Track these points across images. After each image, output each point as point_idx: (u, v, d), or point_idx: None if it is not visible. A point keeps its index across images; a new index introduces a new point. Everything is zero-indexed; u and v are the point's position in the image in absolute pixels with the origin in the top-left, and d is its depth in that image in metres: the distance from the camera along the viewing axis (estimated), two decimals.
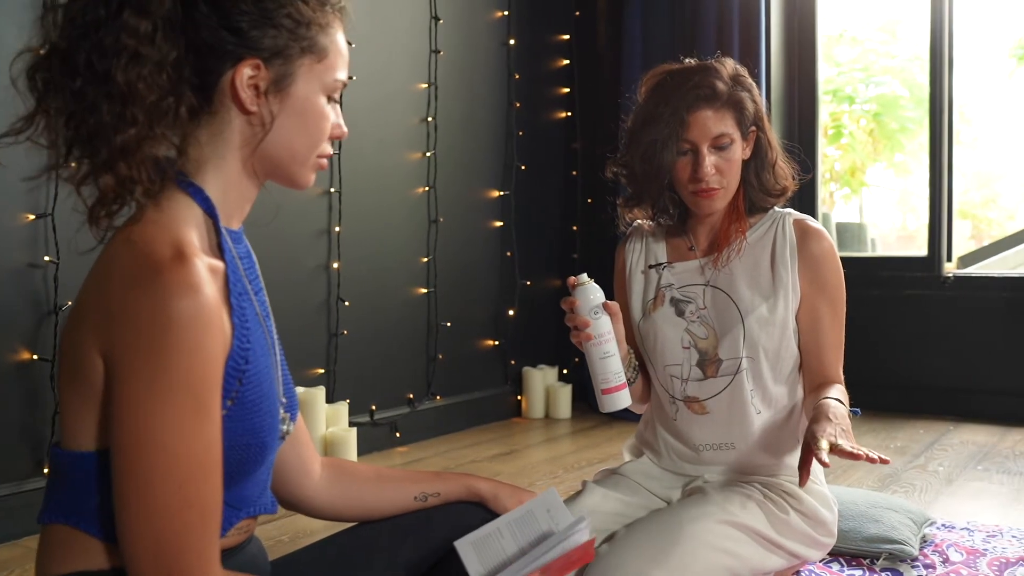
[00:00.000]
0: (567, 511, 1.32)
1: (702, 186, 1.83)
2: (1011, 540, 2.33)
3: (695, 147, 1.83)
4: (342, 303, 3.33)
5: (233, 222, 1.14)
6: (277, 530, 2.48)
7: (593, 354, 1.71)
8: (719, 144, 1.83)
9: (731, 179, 1.86)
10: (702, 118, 1.83)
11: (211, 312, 0.98)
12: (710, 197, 1.85)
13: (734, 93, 1.85)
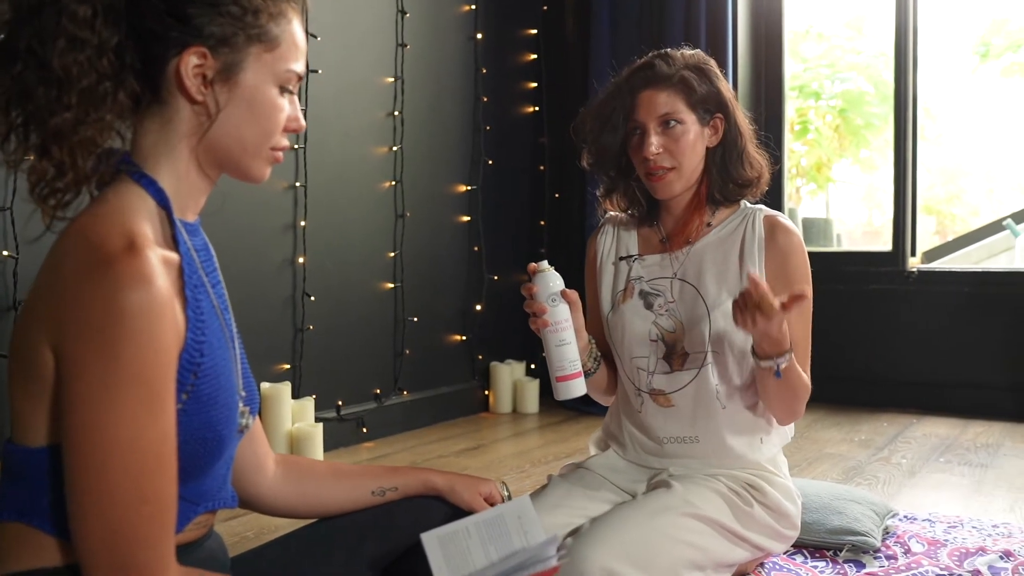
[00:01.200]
0: (539, 524, 1.32)
1: (650, 165, 1.85)
2: (971, 531, 2.36)
3: (642, 126, 1.86)
4: (308, 298, 3.31)
5: (188, 214, 1.13)
6: (242, 526, 2.46)
7: (550, 341, 1.72)
8: (665, 123, 1.85)
9: (683, 161, 1.86)
10: (647, 97, 1.86)
11: (163, 304, 0.97)
12: (661, 180, 1.86)
13: (684, 75, 1.87)
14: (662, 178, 1.86)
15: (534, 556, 1.18)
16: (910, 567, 2.09)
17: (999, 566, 2.10)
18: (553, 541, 1.20)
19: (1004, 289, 4.03)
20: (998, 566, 2.10)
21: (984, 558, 2.15)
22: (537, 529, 1.31)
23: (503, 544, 1.29)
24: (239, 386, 1.15)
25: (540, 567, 1.17)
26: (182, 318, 1.03)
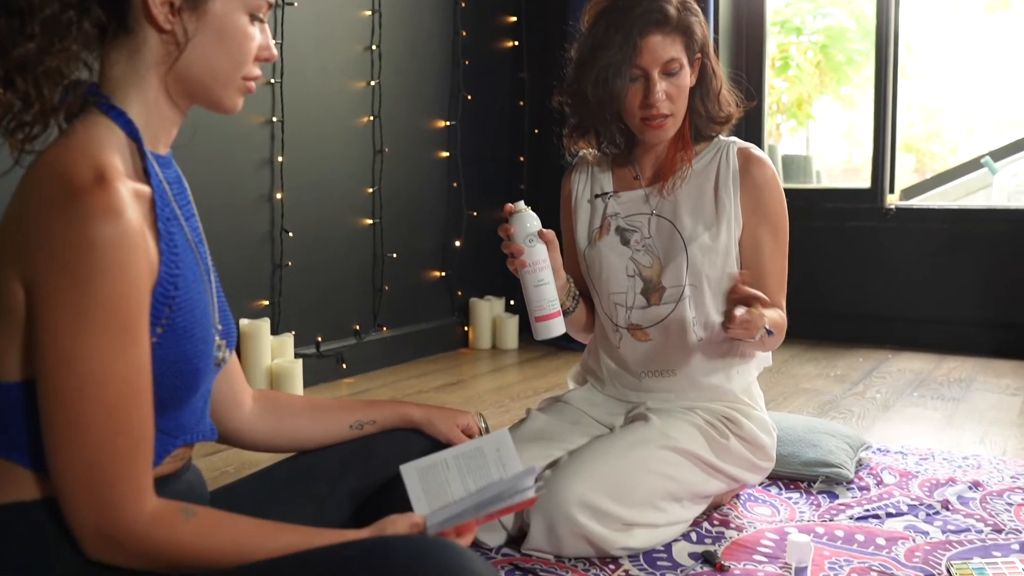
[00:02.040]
0: (517, 457, 1.33)
1: (653, 112, 1.82)
2: (942, 462, 2.40)
3: (646, 73, 1.81)
4: (286, 234, 3.28)
5: (159, 146, 1.11)
6: (222, 461, 2.47)
7: (528, 281, 1.72)
8: (669, 70, 1.82)
9: (680, 106, 1.85)
10: (653, 43, 1.81)
11: (134, 237, 0.96)
12: (661, 127, 1.85)
13: (684, 18, 1.84)
14: (661, 125, 1.85)
15: (511, 487, 1.19)
16: (882, 498, 2.13)
17: (968, 496, 2.15)
18: (530, 473, 1.21)
19: (981, 226, 4.06)
20: (967, 496, 2.15)
21: (954, 488, 2.19)
22: (515, 462, 1.32)
23: (481, 476, 1.30)
24: (215, 320, 1.15)
25: (517, 498, 1.18)
26: (155, 251, 1.02)
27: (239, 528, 1.05)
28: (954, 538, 1.90)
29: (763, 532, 1.92)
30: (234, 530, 1.05)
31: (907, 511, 2.05)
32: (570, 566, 1.75)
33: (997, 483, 2.23)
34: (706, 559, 1.78)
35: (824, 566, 1.76)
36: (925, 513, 2.04)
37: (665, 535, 1.83)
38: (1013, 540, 1.90)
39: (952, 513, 2.04)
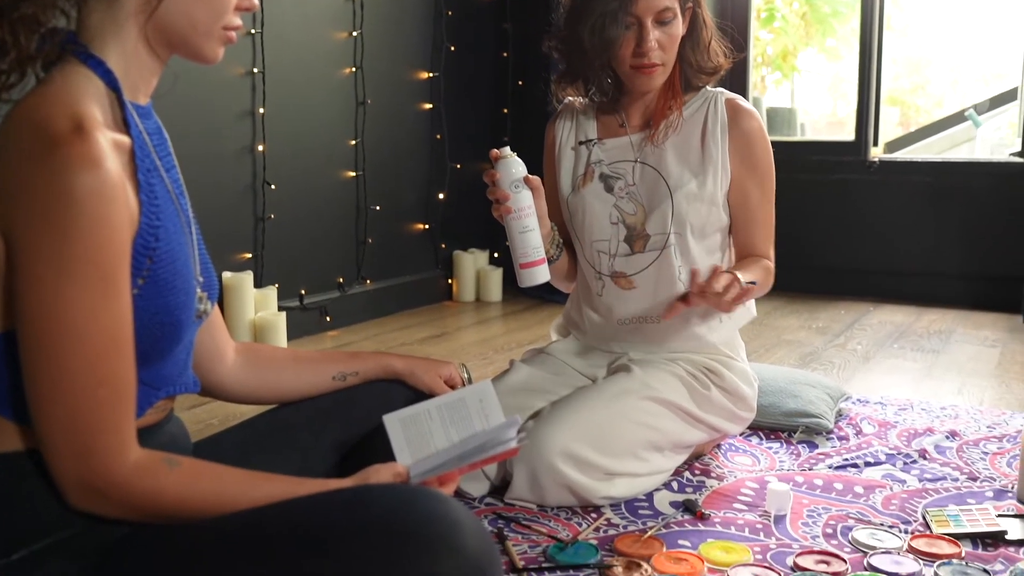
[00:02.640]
0: (499, 408, 1.33)
1: (644, 61, 1.81)
2: (920, 412, 2.43)
3: (639, 21, 1.80)
4: (268, 186, 3.26)
5: (139, 96, 1.10)
6: (206, 414, 2.48)
7: (513, 228, 1.72)
8: (662, 19, 1.81)
9: (671, 55, 1.84)
10: None
11: (114, 187, 0.95)
12: (651, 74, 1.84)
13: None
14: (651, 72, 1.84)
15: (494, 438, 1.19)
16: (860, 447, 2.16)
17: (944, 445, 2.18)
18: (513, 423, 1.21)
19: (963, 179, 4.07)
20: (944, 445, 2.18)
21: (931, 438, 2.22)
22: (498, 413, 1.32)
23: (464, 427, 1.30)
24: (196, 272, 1.14)
25: (500, 448, 1.19)
26: (135, 202, 1.01)
27: (222, 478, 1.06)
28: (930, 486, 1.93)
29: (743, 481, 1.95)
30: (217, 480, 1.05)
31: (885, 460, 2.08)
32: (553, 515, 1.77)
33: (973, 433, 2.27)
34: (687, 507, 1.80)
35: (803, 514, 1.79)
36: (902, 462, 2.07)
37: (647, 484, 1.85)
38: (987, 487, 1.93)
39: (929, 462, 2.07)
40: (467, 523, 1.00)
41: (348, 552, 0.96)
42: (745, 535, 1.70)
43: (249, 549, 0.99)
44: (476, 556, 0.98)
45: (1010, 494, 1.89)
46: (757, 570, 1.54)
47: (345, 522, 0.98)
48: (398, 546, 0.95)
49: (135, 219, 1.00)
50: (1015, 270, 3.86)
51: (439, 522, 0.98)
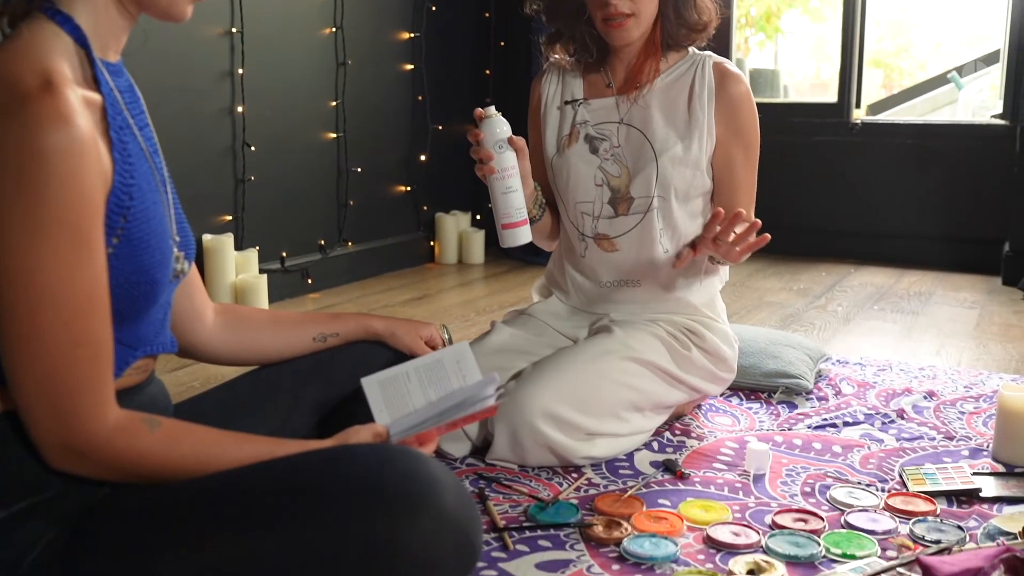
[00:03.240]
0: (477, 368, 1.33)
1: (611, 11, 1.80)
2: (899, 373, 2.45)
3: None
4: (248, 148, 3.23)
5: (109, 53, 1.08)
6: (188, 376, 2.47)
7: (496, 188, 1.71)
8: None
9: (643, 7, 1.82)
10: None
11: (85, 144, 0.94)
12: (621, 27, 1.82)
13: None
14: (621, 25, 1.82)
15: (472, 396, 1.20)
16: (839, 407, 2.18)
17: (922, 405, 2.20)
18: (491, 382, 1.22)
19: (945, 142, 4.07)
20: (921, 405, 2.20)
21: (909, 398, 2.24)
22: (475, 373, 1.33)
23: (442, 387, 1.31)
24: (172, 231, 1.13)
25: (478, 407, 1.19)
26: (108, 160, 1.00)
27: (203, 438, 1.06)
28: (907, 445, 1.95)
29: (723, 441, 1.96)
30: (198, 440, 1.05)
31: (863, 420, 2.10)
32: (534, 475, 1.78)
33: (951, 393, 2.29)
34: (667, 467, 1.82)
35: (782, 473, 1.80)
36: (881, 422, 2.09)
37: (627, 444, 1.86)
38: (963, 447, 1.95)
39: (906, 422, 2.09)
40: (446, 481, 1.00)
41: (328, 511, 0.96)
42: (724, 494, 1.71)
43: (229, 509, 0.99)
44: (455, 513, 0.98)
45: (985, 453, 1.92)
46: (736, 528, 1.55)
47: (325, 481, 0.99)
48: (377, 504, 0.96)
49: (108, 177, 0.99)
50: (995, 232, 3.88)
51: (418, 480, 0.98)
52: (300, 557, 0.95)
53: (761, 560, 1.43)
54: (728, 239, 1.69)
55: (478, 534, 1.03)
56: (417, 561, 0.96)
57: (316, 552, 0.95)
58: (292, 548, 0.95)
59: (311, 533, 0.96)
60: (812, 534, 1.53)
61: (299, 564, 0.96)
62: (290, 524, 0.96)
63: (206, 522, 0.99)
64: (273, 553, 0.96)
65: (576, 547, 1.51)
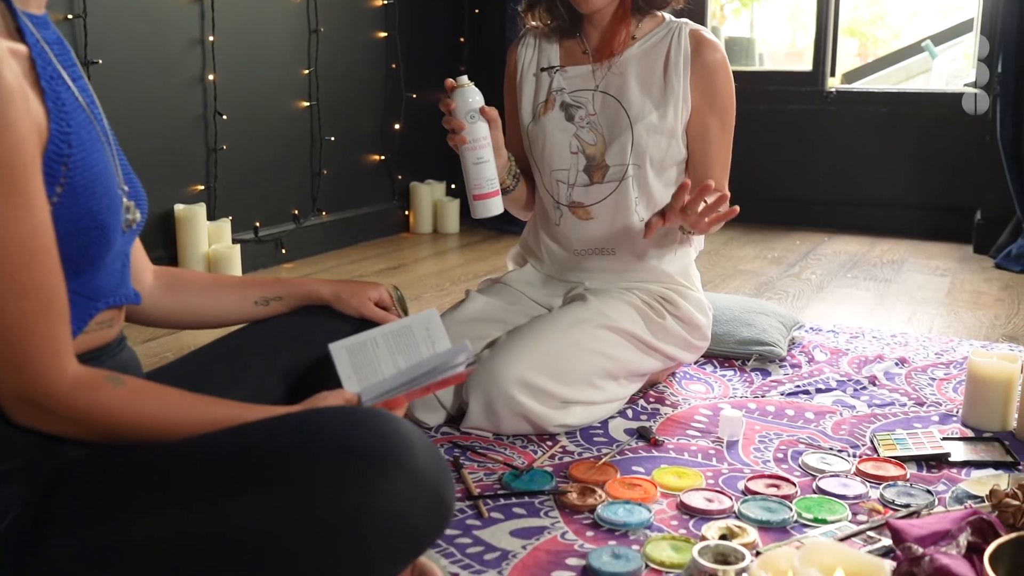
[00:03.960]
0: (445, 335, 1.32)
1: None
2: (871, 340, 2.47)
3: None
4: (220, 117, 3.19)
5: (30, 5, 1.05)
6: (160, 347, 2.46)
7: (467, 158, 1.71)
8: None
9: None
10: None
11: (12, 94, 0.91)
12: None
13: None
14: None
15: (443, 363, 1.19)
16: (812, 374, 2.20)
17: (894, 371, 2.22)
18: (462, 349, 1.20)
19: (918, 110, 4.09)
20: (893, 371, 2.22)
21: (881, 365, 2.26)
22: (444, 340, 1.32)
23: (411, 354, 1.30)
24: (120, 181, 1.11)
25: (449, 373, 1.18)
26: (41, 110, 0.97)
27: (169, 399, 1.04)
28: (879, 411, 1.97)
29: (697, 408, 1.97)
30: (164, 401, 1.03)
31: (836, 387, 2.11)
32: (508, 443, 1.79)
33: (922, 359, 2.31)
34: (641, 434, 1.82)
35: (755, 439, 1.82)
36: (853, 388, 2.10)
37: (602, 412, 1.87)
38: (934, 412, 1.97)
39: (878, 388, 2.11)
40: (419, 442, 1.00)
41: (300, 473, 0.95)
42: (698, 461, 1.72)
43: (202, 474, 0.98)
44: (428, 474, 0.98)
45: (955, 418, 1.94)
46: (709, 494, 1.56)
47: (296, 444, 0.98)
48: (349, 465, 0.95)
49: (43, 127, 0.97)
50: (967, 200, 3.91)
51: (390, 441, 0.98)
52: (273, 520, 0.95)
53: (733, 525, 1.44)
54: (697, 209, 1.69)
55: (451, 493, 1.03)
56: (390, 520, 0.96)
57: (289, 514, 0.95)
58: (265, 511, 0.95)
59: (284, 495, 0.95)
60: (784, 499, 1.54)
61: (272, 526, 0.95)
62: (262, 487, 0.96)
63: (179, 487, 0.98)
64: (246, 517, 0.95)
65: (550, 514, 1.51)
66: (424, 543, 1.03)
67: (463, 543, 1.42)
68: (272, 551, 0.96)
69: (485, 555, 1.39)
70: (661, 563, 1.35)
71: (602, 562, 1.35)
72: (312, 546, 0.95)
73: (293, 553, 0.96)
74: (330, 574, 0.99)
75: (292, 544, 0.95)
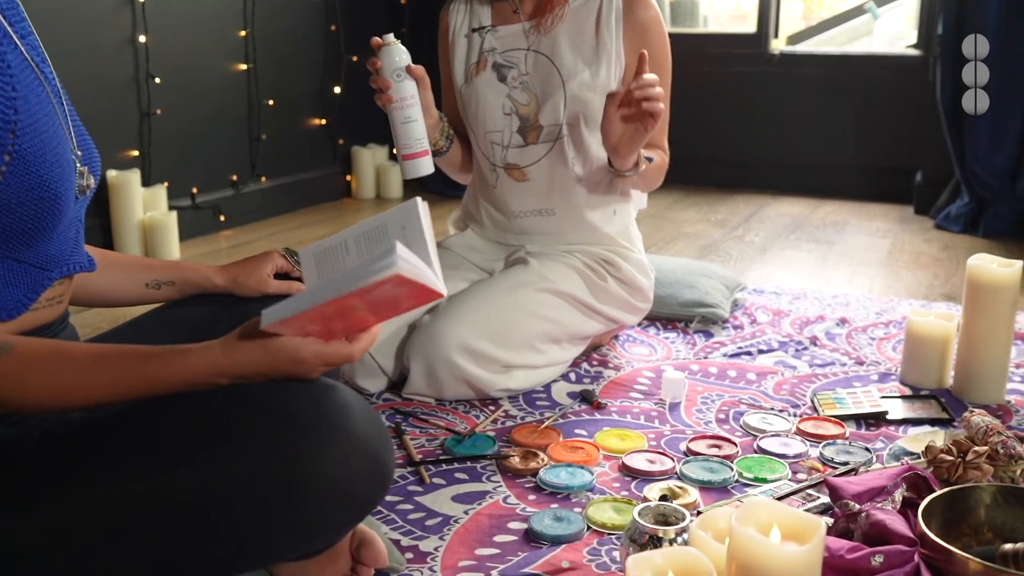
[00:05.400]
0: (425, 234, 1.06)
1: None
2: (813, 301, 2.49)
3: None
4: (152, 79, 3.10)
5: None
6: (96, 317, 2.39)
7: (395, 118, 1.68)
8: None
9: None
10: None
11: None
12: None
13: None
14: None
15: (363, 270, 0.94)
16: (755, 335, 2.20)
17: (835, 332, 2.24)
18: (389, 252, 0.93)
19: (861, 72, 4.11)
20: (834, 332, 2.23)
21: (822, 325, 2.28)
22: (423, 242, 1.06)
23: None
24: (73, 145, 1.06)
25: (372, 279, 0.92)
26: None
27: (59, 364, 0.95)
28: (820, 371, 1.99)
29: (640, 371, 1.97)
30: (53, 367, 0.95)
31: (777, 348, 2.12)
32: (451, 408, 1.77)
33: (862, 319, 2.33)
34: (584, 398, 1.82)
35: (697, 401, 1.82)
36: (794, 349, 2.12)
37: (544, 376, 1.86)
38: (873, 371, 1.99)
39: (819, 348, 2.13)
40: (357, 407, 0.98)
41: (237, 440, 0.93)
42: (640, 423, 1.72)
43: (134, 446, 0.95)
44: (367, 440, 0.96)
45: (894, 377, 1.96)
46: (651, 456, 1.56)
47: (233, 412, 0.95)
48: (287, 431, 0.93)
49: None
50: (908, 161, 3.94)
51: (327, 408, 0.95)
52: (210, 489, 0.92)
53: (675, 486, 1.44)
54: (636, 96, 1.64)
55: (390, 459, 1.01)
56: (328, 485, 0.94)
57: (225, 484, 0.92)
58: (201, 481, 0.92)
59: (219, 465, 0.92)
60: (725, 459, 1.54)
61: (209, 496, 0.92)
62: (198, 458, 0.93)
63: (109, 460, 0.94)
64: (181, 488, 0.92)
65: (493, 479, 1.50)
66: (364, 510, 1.02)
67: (404, 509, 1.41)
68: (210, 520, 0.94)
69: (427, 521, 1.37)
70: (603, 525, 1.35)
71: (544, 525, 1.34)
72: (251, 515, 0.93)
73: (232, 521, 0.94)
74: (269, 542, 0.97)
75: (231, 513, 0.93)
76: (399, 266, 0.89)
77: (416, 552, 1.29)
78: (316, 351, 0.96)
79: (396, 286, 0.92)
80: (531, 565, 1.26)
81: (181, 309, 1.37)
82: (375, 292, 0.92)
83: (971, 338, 1.80)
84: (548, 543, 1.32)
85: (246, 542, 0.96)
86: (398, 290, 0.93)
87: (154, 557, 0.95)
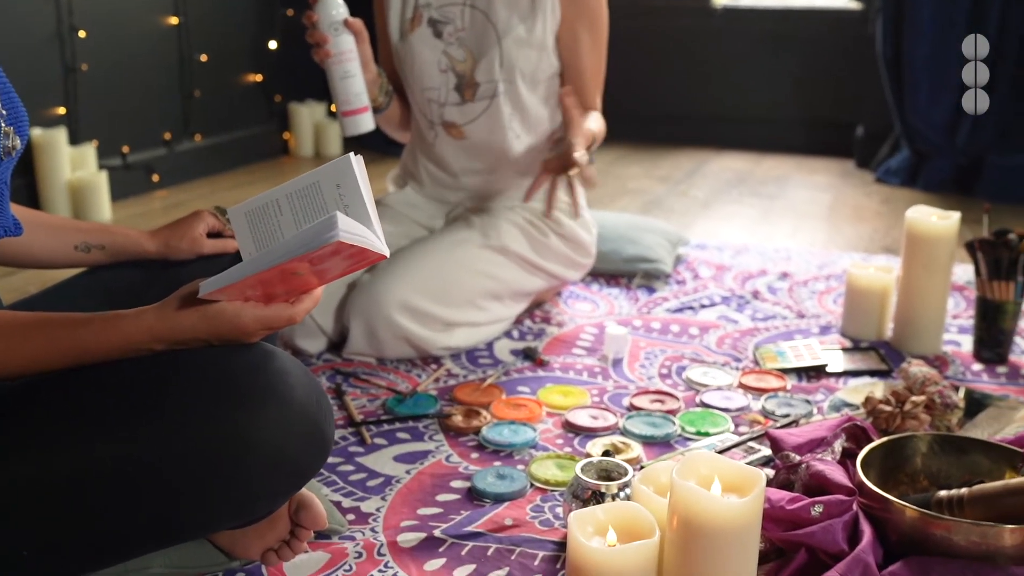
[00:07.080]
0: (362, 192, 1.00)
1: None
2: (755, 256, 2.49)
3: None
4: (75, 33, 2.98)
5: None
6: (22, 281, 2.32)
7: (333, 73, 1.64)
8: None
9: None
10: None
11: None
12: None
13: None
14: None
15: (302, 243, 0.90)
16: (697, 290, 2.20)
17: (777, 286, 2.24)
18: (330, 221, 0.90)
19: (803, 25, 4.10)
20: (776, 286, 2.24)
21: (764, 279, 2.28)
22: (359, 200, 1.00)
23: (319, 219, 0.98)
24: None
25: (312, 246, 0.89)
26: None
27: None
28: (761, 325, 1.99)
29: (583, 327, 1.95)
30: None
31: (720, 302, 2.13)
32: (392, 368, 1.74)
33: (804, 273, 2.34)
34: (527, 355, 1.80)
35: (640, 356, 1.81)
36: (737, 303, 2.12)
37: (486, 333, 1.83)
38: (814, 324, 2.00)
39: (761, 302, 2.13)
40: (294, 373, 0.95)
41: (171, 410, 0.90)
42: (584, 379, 1.71)
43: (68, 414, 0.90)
44: (305, 407, 0.94)
45: (834, 329, 1.97)
46: (594, 412, 1.55)
47: (167, 380, 0.91)
48: (223, 401, 0.90)
49: None
50: (849, 116, 3.96)
51: (264, 374, 0.92)
52: (146, 458, 0.89)
53: (618, 442, 1.43)
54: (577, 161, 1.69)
55: (330, 425, 0.98)
56: (266, 453, 0.91)
57: (161, 453, 0.89)
58: (137, 450, 0.89)
59: (153, 433, 0.89)
60: (668, 414, 1.54)
61: (141, 466, 0.89)
62: (128, 426, 0.89)
63: (36, 429, 0.90)
64: (116, 458, 0.89)
65: (435, 438, 1.48)
66: (303, 477, 0.99)
67: (345, 470, 1.38)
68: (148, 489, 0.91)
69: (368, 481, 1.35)
70: (546, 481, 1.34)
71: (487, 483, 1.33)
72: (189, 483, 0.91)
73: (170, 490, 0.91)
74: (209, 510, 0.94)
75: (168, 481, 0.90)
76: (340, 236, 0.87)
77: (358, 513, 1.27)
78: (256, 315, 0.93)
79: (338, 252, 0.90)
80: (474, 524, 1.25)
81: (113, 272, 1.32)
82: (316, 257, 0.89)
83: (909, 290, 1.82)
84: (491, 501, 1.30)
85: (183, 512, 0.93)
86: (340, 255, 0.91)
87: (85, 528, 0.92)
